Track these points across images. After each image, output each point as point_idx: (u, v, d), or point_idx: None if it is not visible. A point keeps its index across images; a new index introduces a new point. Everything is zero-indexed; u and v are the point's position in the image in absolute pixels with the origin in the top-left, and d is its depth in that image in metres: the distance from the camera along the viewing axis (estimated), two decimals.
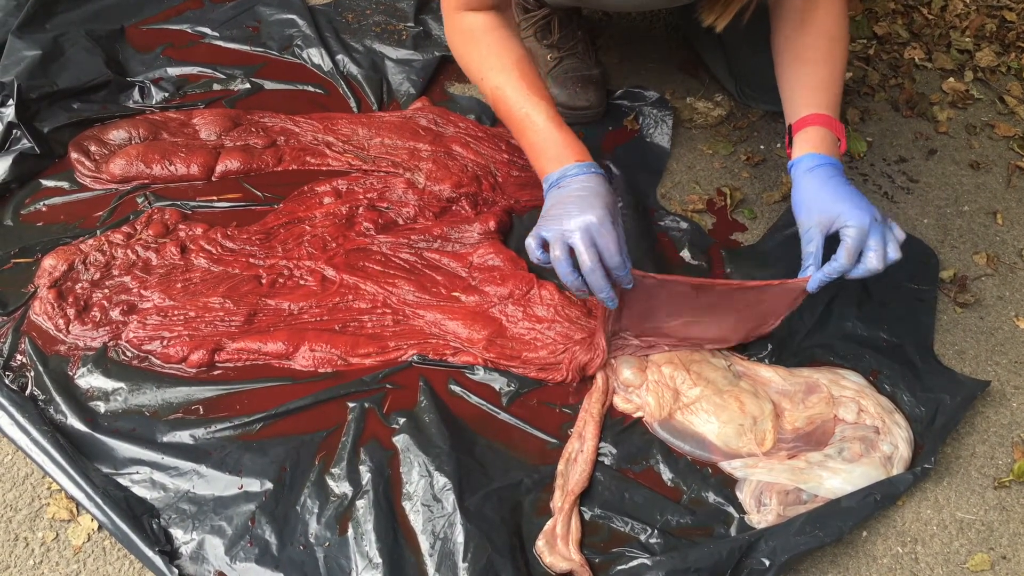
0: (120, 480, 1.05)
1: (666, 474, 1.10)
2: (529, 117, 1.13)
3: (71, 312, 1.19)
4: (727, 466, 1.10)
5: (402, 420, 1.11)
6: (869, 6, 1.88)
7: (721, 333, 1.20)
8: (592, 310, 1.24)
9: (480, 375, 1.18)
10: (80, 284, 1.22)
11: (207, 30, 1.66)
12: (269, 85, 1.58)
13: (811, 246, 1.10)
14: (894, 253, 1.08)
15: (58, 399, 1.11)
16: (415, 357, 1.18)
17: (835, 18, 1.20)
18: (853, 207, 1.07)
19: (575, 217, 1.03)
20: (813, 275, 1.09)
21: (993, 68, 1.78)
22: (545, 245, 1.06)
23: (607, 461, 1.10)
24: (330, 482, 1.05)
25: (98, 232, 1.30)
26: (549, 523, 1.03)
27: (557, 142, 1.11)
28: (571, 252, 1.04)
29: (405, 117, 1.52)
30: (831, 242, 1.10)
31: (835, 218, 1.08)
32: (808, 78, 1.18)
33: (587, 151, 1.12)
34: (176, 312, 1.20)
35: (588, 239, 1.02)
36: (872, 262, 1.07)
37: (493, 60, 1.17)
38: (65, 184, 1.37)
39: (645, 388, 1.16)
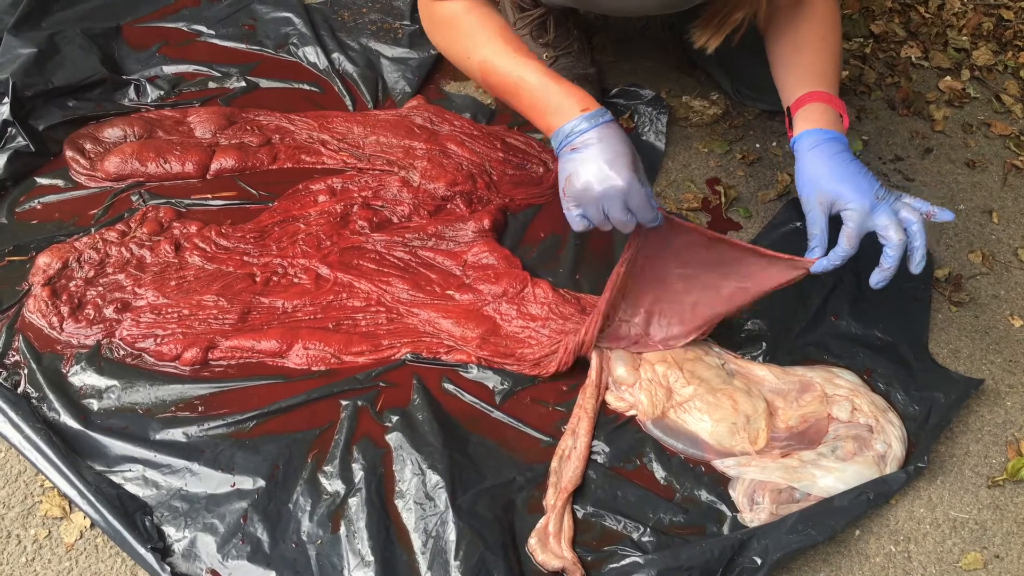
0: (113, 478, 1.05)
1: (659, 472, 1.10)
2: (523, 79, 1.08)
3: (65, 310, 1.19)
4: (720, 464, 1.10)
5: (395, 418, 1.11)
6: (866, 4, 1.88)
7: (718, 302, 1.16)
8: (586, 307, 1.24)
9: (473, 373, 1.17)
10: (74, 282, 1.22)
11: (203, 28, 1.66)
12: (264, 83, 1.58)
13: (815, 227, 1.07)
14: (912, 217, 1.03)
15: (51, 397, 1.11)
16: (408, 355, 1.18)
17: (827, 4, 1.19)
18: (854, 188, 1.04)
19: (604, 184, 1.00)
20: (819, 260, 1.07)
21: (990, 67, 1.78)
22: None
23: (600, 459, 1.10)
24: (323, 480, 1.05)
25: (92, 230, 1.30)
26: (541, 521, 1.03)
27: (557, 93, 1.06)
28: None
29: (400, 115, 1.52)
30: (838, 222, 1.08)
31: (835, 199, 1.05)
32: (804, 62, 1.16)
33: (590, 96, 1.06)
34: (170, 310, 1.20)
35: (621, 206, 1.01)
36: (892, 238, 1.02)
37: (476, 36, 1.13)
38: (60, 182, 1.37)
39: (638, 386, 1.16)
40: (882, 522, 1.09)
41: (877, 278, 1.06)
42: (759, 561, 0.99)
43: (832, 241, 1.08)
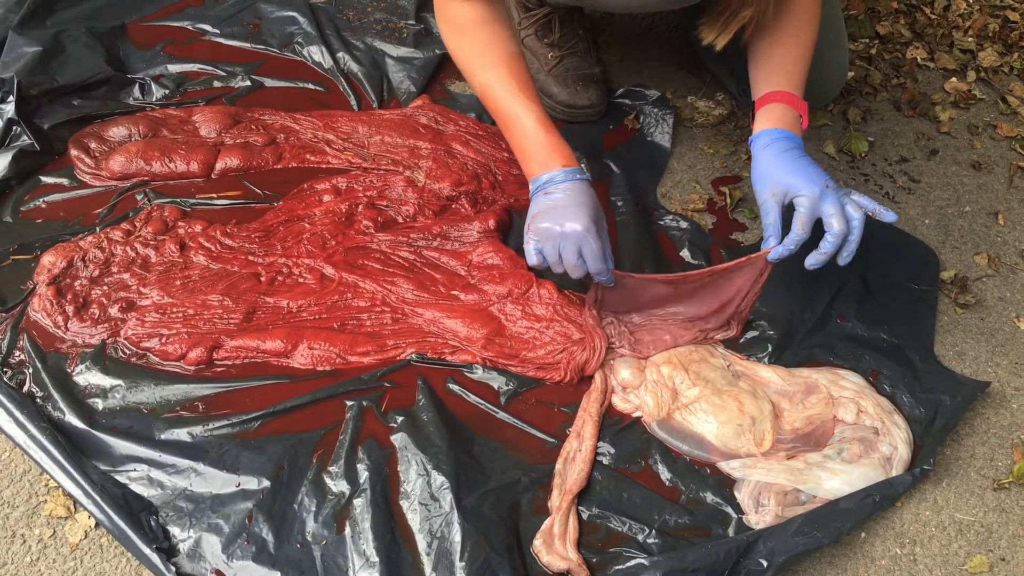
0: (118, 477, 1.05)
1: (664, 474, 1.10)
2: (518, 118, 1.16)
3: (70, 309, 1.19)
4: (725, 466, 1.10)
5: (400, 419, 1.11)
6: (872, 5, 1.88)
7: (708, 314, 1.22)
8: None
9: (479, 374, 1.17)
10: (79, 281, 1.22)
11: (208, 27, 1.66)
12: (269, 82, 1.57)
13: (769, 218, 1.12)
14: (855, 213, 1.08)
15: (56, 396, 1.11)
16: (413, 356, 1.18)
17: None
18: (804, 178, 1.09)
19: (563, 227, 1.10)
20: (774, 248, 1.11)
21: (996, 68, 1.78)
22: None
23: (605, 461, 1.10)
24: (328, 480, 1.05)
25: (97, 229, 1.30)
26: (547, 522, 1.03)
27: (544, 145, 1.15)
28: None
29: (405, 115, 1.52)
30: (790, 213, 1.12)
31: (787, 189, 1.10)
32: (775, 58, 1.19)
33: (573, 155, 1.16)
34: (175, 309, 1.20)
35: (575, 250, 1.10)
36: (835, 226, 1.07)
37: (484, 56, 1.18)
38: (65, 181, 1.37)
39: (644, 388, 1.16)
40: (888, 524, 1.09)
41: (812, 260, 1.11)
42: (765, 563, 0.99)
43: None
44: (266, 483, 1.04)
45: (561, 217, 1.10)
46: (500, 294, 1.24)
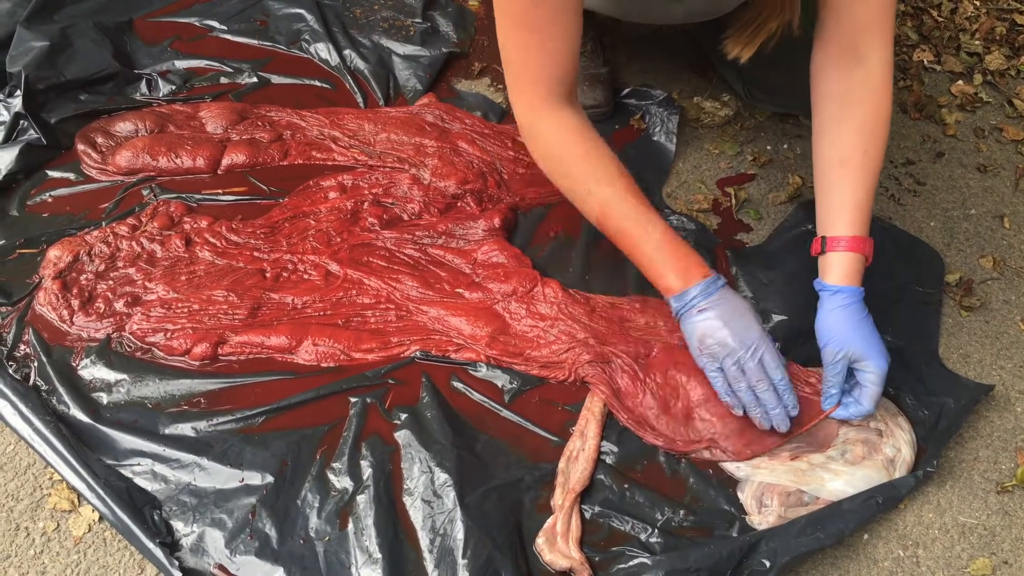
0: (122, 471, 1.05)
1: (667, 474, 1.10)
2: (647, 232, 1.11)
3: (75, 303, 1.19)
4: (729, 467, 1.10)
5: (404, 416, 1.11)
6: None
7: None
8: (595, 308, 1.24)
9: (482, 372, 1.17)
10: (85, 275, 1.22)
11: (215, 23, 1.66)
12: (276, 79, 1.58)
13: (837, 379, 1.09)
14: (866, 404, 1.09)
15: (61, 390, 1.11)
16: (418, 353, 1.18)
17: (883, 68, 1.12)
18: (879, 353, 1.08)
19: (743, 337, 1.07)
20: (838, 409, 1.10)
21: (1002, 71, 1.78)
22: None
23: (609, 460, 1.10)
24: (331, 477, 1.06)
25: (103, 224, 1.30)
26: (549, 520, 1.03)
27: (679, 258, 1.11)
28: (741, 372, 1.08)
29: (411, 113, 1.52)
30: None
31: (860, 358, 1.08)
32: (848, 182, 1.12)
33: (704, 262, 1.12)
34: (180, 305, 1.20)
35: (757, 360, 1.07)
36: (865, 405, 1.08)
37: (593, 172, 1.13)
38: (71, 175, 1.37)
39: None
40: (891, 526, 1.09)
41: (829, 404, 1.11)
42: (767, 564, 0.99)
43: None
44: (270, 479, 1.04)
45: (736, 328, 1.07)
46: (504, 292, 1.24)
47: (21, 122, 1.39)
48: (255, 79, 1.56)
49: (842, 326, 1.09)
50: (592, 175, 1.14)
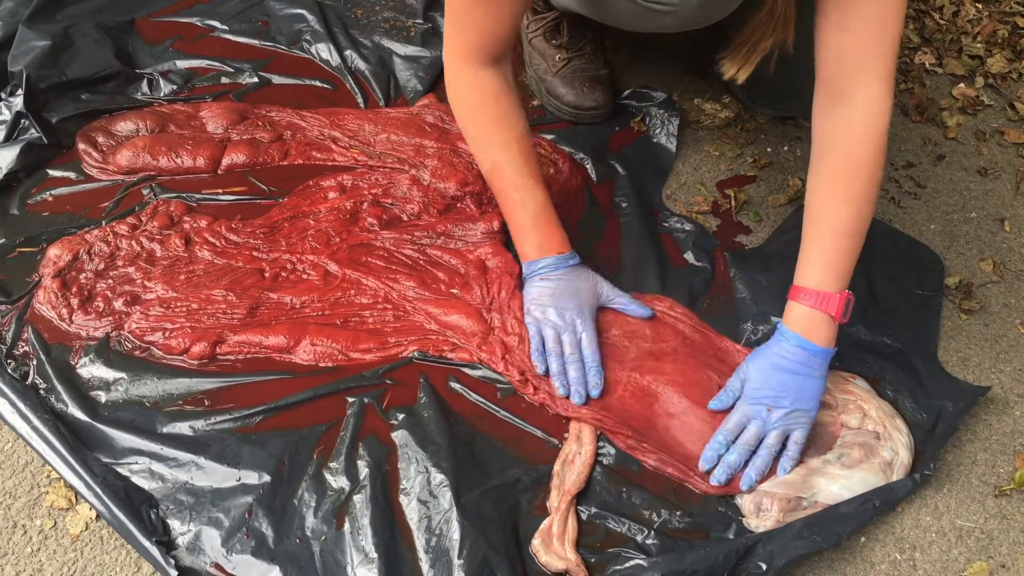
0: (119, 470, 1.05)
1: (664, 476, 1.10)
2: (523, 201, 1.19)
3: (74, 302, 1.19)
4: None
5: (401, 416, 1.11)
6: None
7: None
8: None
9: (480, 372, 1.17)
10: (84, 274, 1.23)
11: (216, 23, 1.66)
12: (277, 79, 1.58)
13: (733, 397, 1.11)
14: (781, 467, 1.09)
15: (59, 388, 1.11)
16: (415, 353, 1.18)
17: (864, 118, 1.08)
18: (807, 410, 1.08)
19: (565, 314, 1.16)
20: (743, 475, 1.07)
21: (1004, 74, 1.77)
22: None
23: (605, 461, 1.10)
24: (328, 476, 1.06)
25: (103, 223, 1.30)
26: (545, 522, 1.03)
27: (543, 231, 1.19)
28: (555, 340, 1.16)
29: (412, 114, 1.52)
30: None
31: (783, 409, 1.08)
32: (826, 236, 1.09)
33: (568, 241, 1.20)
34: (179, 304, 1.21)
35: (573, 332, 1.15)
36: (754, 471, 1.07)
37: (495, 134, 1.20)
38: (72, 174, 1.38)
39: None
40: (888, 529, 1.09)
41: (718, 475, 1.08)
42: (764, 566, 0.98)
43: None
44: (266, 478, 1.05)
45: (560, 300, 1.16)
46: (482, 299, 1.23)
47: (22, 121, 1.39)
48: (256, 79, 1.57)
49: (770, 367, 1.09)
50: (493, 137, 1.20)
